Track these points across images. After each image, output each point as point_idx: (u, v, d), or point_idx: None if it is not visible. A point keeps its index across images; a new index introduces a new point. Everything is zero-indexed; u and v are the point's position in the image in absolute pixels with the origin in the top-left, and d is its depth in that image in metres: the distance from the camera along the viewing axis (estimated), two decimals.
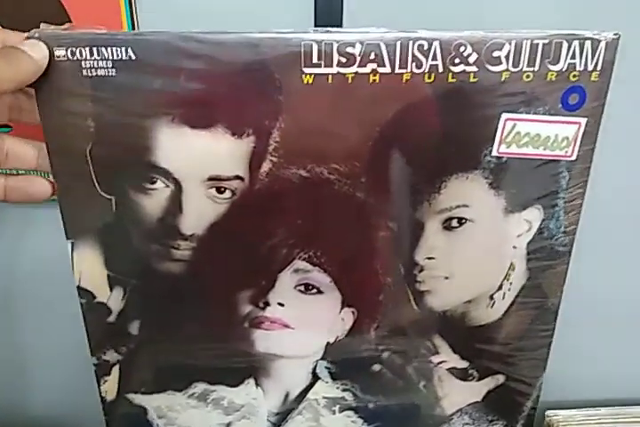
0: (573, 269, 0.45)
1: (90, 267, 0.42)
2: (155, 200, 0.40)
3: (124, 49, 0.35)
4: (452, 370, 0.48)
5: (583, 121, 0.39)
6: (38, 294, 0.57)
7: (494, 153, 0.40)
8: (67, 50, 0.35)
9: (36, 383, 0.59)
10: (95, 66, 0.35)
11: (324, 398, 0.49)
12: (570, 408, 0.56)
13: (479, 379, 0.49)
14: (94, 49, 0.35)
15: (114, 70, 0.36)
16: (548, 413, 0.56)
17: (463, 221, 0.42)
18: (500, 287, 0.45)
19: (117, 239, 0.41)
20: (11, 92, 0.34)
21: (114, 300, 0.43)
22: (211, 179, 0.39)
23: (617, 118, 0.45)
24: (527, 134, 0.39)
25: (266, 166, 0.39)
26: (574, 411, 0.56)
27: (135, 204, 0.40)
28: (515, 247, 0.44)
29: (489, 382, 0.49)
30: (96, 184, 0.39)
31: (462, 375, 0.48)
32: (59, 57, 0.35)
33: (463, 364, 0.48)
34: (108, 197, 0.40)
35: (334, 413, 0.49)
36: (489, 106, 0.39)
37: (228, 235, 0.41)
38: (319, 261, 0.43)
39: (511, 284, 0.45)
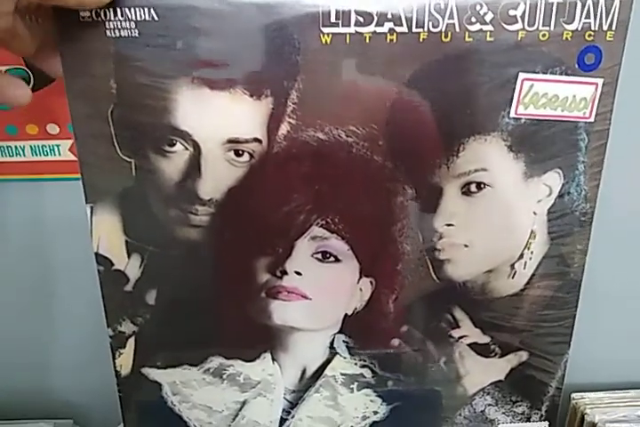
0: (598, 245, 0.47)
1: (108, 232, 0.44)
2: (174, 164, 0.42)
3: (146, 10, 0.38)
4: (473, 346, 0.49)
5: (600, 81, 0.41)
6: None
7: (512, 114, 0.42)
8: (91, 11, 0.37)
9: (53, 363, 0.60)
10: (119, 26, 0.38)
11: (342, 374, 0.50)
12: (597, 391, 0.56)
13: (501, 355, 0.50)
14: (118, 10, 0.38)
15: (136, 31, 0.38)
16: (575, 395, 0.56)
17: (482, 185, 0.44)
18: (521, 256, 0.46)
19: (136, 204, 0.43)
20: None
21: (131, 267, 0.45)
22: (229, 141, 0.42)
23: None
24: (545, 95, 0.41)
25: (284, 128, 0.42)
26: (601, 393, 0.56)
27: (154, 167, 0.42)
28: (535, 214, 0.45)
29: (512, 359, 0.50)
30: (116, 146, 0.41)
31: (484, 351, 0.49)
32: (83, 18, 0.38)
33: (485, 339, 0.49)
34: (128, 159, 0.42)
35: (352, 391, 0.50)
36: (506, 66, 0.41)
37: (245, 200, 0.43)
38: (336, 227, 0.44)
39: (532, 253, 0.46)
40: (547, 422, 0.52)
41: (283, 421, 0.51)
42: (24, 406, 0.60)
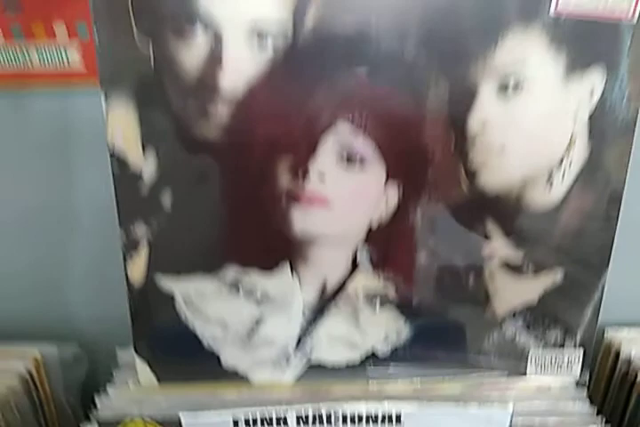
0: None
1: (123, 128, 0.42)
2: (194, 53, 0.40)
3: None
4: (504, 263, 0.47)
5: None
6: None
7: (552, 10, 0.39)
8: None
9: (58, 280, 0.58)
10: None
11: (364, 290, 0.47)
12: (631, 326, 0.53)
13: (534, 274, 0.47)
14: None
15: None
16: (609, 331, 0.53)
17: (520, 84, 0.41)
18: (560, 164, 0.43)
19: (154, 96, 0.41)
20: None
21: (146, 164, 0.43)
22: (253, 27, 0.39)
23: None
24: None
25: (310, 20, 0.39)
26: (638, 329, 0.53)
27: (173, 57, 0.40)
28: (575, 118, 0.42)
29: (545, 279, 0.47)
30: (134, 28, 0.39)
31: (516, 269, 0.47)
32: None
33: (517, 255, 0.46)
34: (146, 48, 0.40)
35: (374, 309, 0.48)
36: None
37: (268, 93, 0.41)
38: (363, 124, 0.42)
39: (571, 161, 0.43)
40: (581, 351, 0.50)
41: (300, 339, 0.49)
42: (26, 327, 0.58)
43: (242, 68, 0.41)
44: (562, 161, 0.43)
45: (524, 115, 0.42)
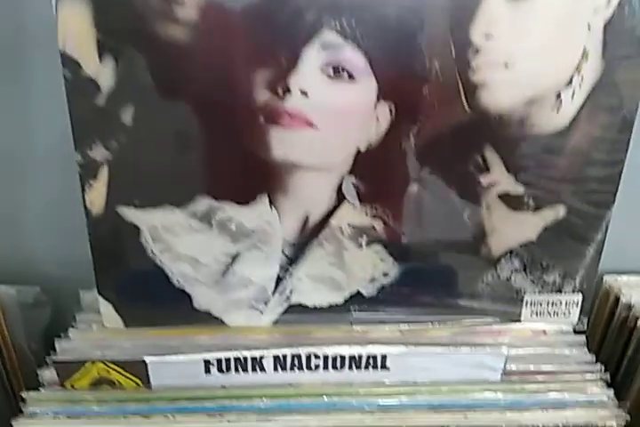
0: None
1: (76, 26, 0.37)
2: None
3: None
4: (503, 196, 0.43)
5: None
6: None
7: None
8: None
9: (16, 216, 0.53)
10: None
11: (350, 225, 0.43)
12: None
13: (535, 209, 0.43)
14: None
15: None
16: (607, 277, 0.50)
17: None
18: (570, 82, 0.39)
19: None
20: None
21: (104, 73, 0.38)
22: None
23: None
24: None
25: None
26: (635, 276, 0.50)
27: None
28: (589, 28, 0.38)
29: (546, 215, 0.43)
30: None
31: (515, 203, 0.43)
32: None
33: (517, 188, 0.42)
34: None
35: (360, 246, 0.44)
36: None
37: None
38: (352, 33, 0.37)
39: (582, 79, 0.39)
40: (580, 295, 0.46)
41: (279, 279, 0.45)
42: None
43: None
44: (572, 78, 0.39)
45: (533, 22, 0.37)
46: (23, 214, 0.52)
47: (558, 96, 0.40)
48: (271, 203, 0.42)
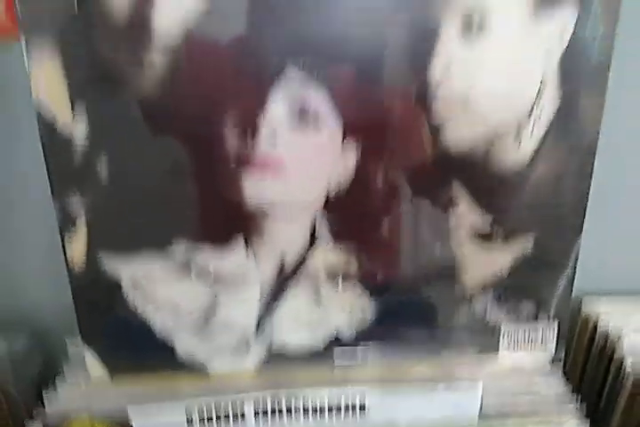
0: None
1: (50, 84, 0.38)
2: None
3: None
4: (473, 230, 0.44)
5: None
6: None
7: None
8: None
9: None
10: None
11: (325, 265, 0.44)
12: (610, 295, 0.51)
13: (504, 242, 0.45)
14: None
15: None
16: (586, 301, 0.51)
17: (485, 22, 0.38)
18: (529, 117, 0.41)
19: (80, 44, 0.37)
20: None
21: (78, 128, 0.39)
22: None
23: None
24: None
25: None
26: (616, 298, 0.51)
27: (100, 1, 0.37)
28: (545, 63, 0.40)
29: (516, 246, 0.45)
30: None
31: (484, 237, 0.44)
32: None
33: (486, 220, 0.44)
34: None
35: (337, 285, 0.45)
36: None
37: (207, 39, 0.38)
38: (317, 75, 0.39)
39: (541, 112, 0.41)
40: (555, 325, 0.47)
41: (260, 323, 0.46)
42: None
43: (176, 6, 0.37)
44: (532, 111, 0.41)
45: (490, 58, 0.40)
46: (10, 259, 0.53)
47: (518, 131, 0.42)
48: (247, 246, 0.43)
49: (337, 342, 0.46)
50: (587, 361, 0.51)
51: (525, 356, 0.48)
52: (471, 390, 0.43)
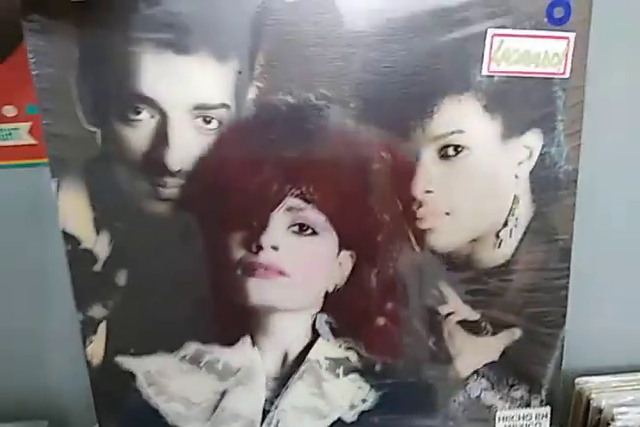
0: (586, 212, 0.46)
1: (75, 209, 0.43)
2: (140, 133, 0.42)
3: None
4: (462, 323, 0.48)
5: (572, 36, 0.42)
6: None
7: (485, 72, 0.42)
8: None
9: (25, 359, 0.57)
10: None
11: (327, 358, 0.48)
12: (602, 375, 0.54)
13: (493, 333, 0.48)
14: None
15: None
16: (579, 380, 0.53)
17: (460, 148, 0.43)
18: (506, 223, 0.45)
19: (103, 177, 0.43)
20: None
21: (100, 245, 0.44)
22: (196, 108, 0.42)
23: None
24: (516, 51, 0.41)
25: (252, 93, 0.42)
26: (608, 377, 0.53)
27: (120, 137, 0.42)
28: (517, 177, 0.44)
29: (504, 338, 0.48)
30: (81, 116, 0.41)
31: (474, 329, 0.48)
32: None
33: (474, 315, 0.47)
34: (93, 129, 0.42)
35: (338, 376, 0.48)
36: (475, 22, 0.41)
37: (215, 170, 0.43)
38: (312, 197, 0.44)
39: (517, 219, 0.45)
40: (548, 408, 0.50)
41: (265, 413, 0.49)
42: None
43: (188, 145, 0.42)
44: (507, 220, 0.45)
45: (465, 178, 0.44)
46: (31, 353, 0.57)
47: (497, 235, 0.46)
48: (253, 343, 0.47)
49: None
50: None
51: None
52: None
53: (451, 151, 0.43)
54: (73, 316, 0.47)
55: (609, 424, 0.50)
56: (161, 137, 0.42)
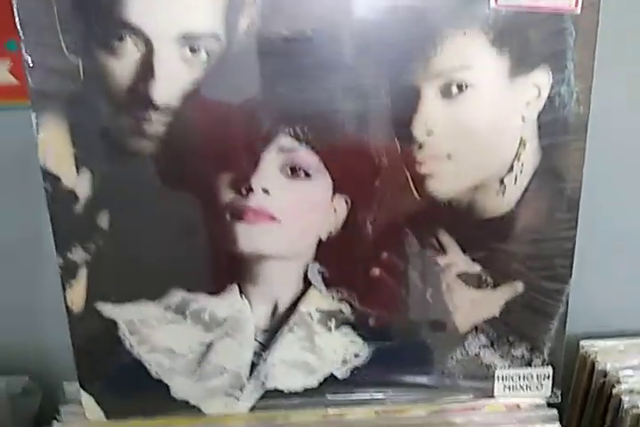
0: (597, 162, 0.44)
1: (55, 145, 0.41)
2: (124, 63, 0.40)
3: None
4: (462, 276, 0.46)
5: None
6: None
7: (493, 5, 0.39)
8: None
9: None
10: None
11: (318, 310, 0.46)
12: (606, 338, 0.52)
13: (494, 286, 0.46)
14: None
15: None
16: (583, 343, 0.52)
17: (464, 86, 0.41)
18: (511, 169, 0.43)
19: (85, 112, 0.41)
20: None
21: (81, 184, 0.42)
22: (184, 37, 0.39)
23: None
24: None
25: (244, 23, 0.39)
26: (615, 341, 0.52)
27: (104, 68, 0.40)
28: (524, 119, 0.42)
29: (506, 292, 0.46)
30: (62, 43, 0.39)
31: (474, 282, 0.46)
32: None
33: (474, 267, 0.46)
34: (76, 59, 0.39)
35: (330, 330, 0.47)
36: None
37: (203, 106, 0.41)
38: (306, 137, 0.42)
39: (523, 165, 0.43)
40: (550, 368, 0.48)
41: (254, 366, 0.47)
42: None
43: (174, 78, 0.40)
44: (513, 165, 0.43)
45: (470, 117, 0.42)
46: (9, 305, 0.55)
47: (502, 182, 0.43)
48: (241, 292, 0.45)
49: (331, 383, 0.48)
50: (585, 401, 0.51)
51: (521, 400, 0.49)
52: None
53: (454, 89, 0.41)
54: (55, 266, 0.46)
55: (614, 388, 0.49)
56: (146, 68, 0.40)
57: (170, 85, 0.40)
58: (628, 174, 0.51)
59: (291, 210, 0.43)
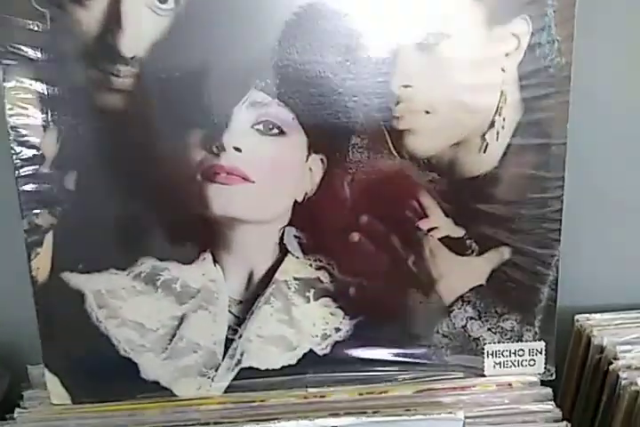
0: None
1: (20, 99, 0.40)
2: (92, 14, 0.39)
3: None
4: (445, 240, 0.44)
5: None
6: None
7: None
8: None
9: None
10: None
11: (295, 279, 0.44)
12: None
13: (479, 253, 0.44)
14: None
15: None
16: (579, 317, 0.49)
17: (440, 36, 0.40)
18: (492, 124, 0.42)
19: (52, 64, 0.40)
20: None
21: (47, 143, 0.41)
22: None
23: None
24: None
25: None
26: (611, 314, 0.49)
27: (71, 18, 0.39)
28: (504, 70, 0.41)
29: (492, 258, 0.44)
30: None
31: (458, 248, 0.44)
32: None
33: (458, 231, 0.44)
34: (42, 9, 0.39)
35: (308, 300, 0.45)
36: None
37: (173, 58, 0.40)
38: (278, 90, 0.40)
39: (504, 119, 0.42)
40: (542, 343, 0.46)
41: (228, 342, 0.45)
42: None
43: (142, 28, 0.39)
44: (494, 120, 0.42)
45: (447, 69, 0.41)
46: None
47: (483, 138, 0.42)
48: (215, 260, 0.44)
49: (310, 360, 0.45)
50: (581, 378, 0.49)
51: (513, 377, 0.46)
52: (451, 421, 0.41)
53: (431, 39, 0.40)
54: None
55: (611, 364, 0.46)
56: (113, 19, 0.39)
57: (137, 36, 0.39)
58: (615, 130, 0.49)
59: (265, 170, 0.42)
